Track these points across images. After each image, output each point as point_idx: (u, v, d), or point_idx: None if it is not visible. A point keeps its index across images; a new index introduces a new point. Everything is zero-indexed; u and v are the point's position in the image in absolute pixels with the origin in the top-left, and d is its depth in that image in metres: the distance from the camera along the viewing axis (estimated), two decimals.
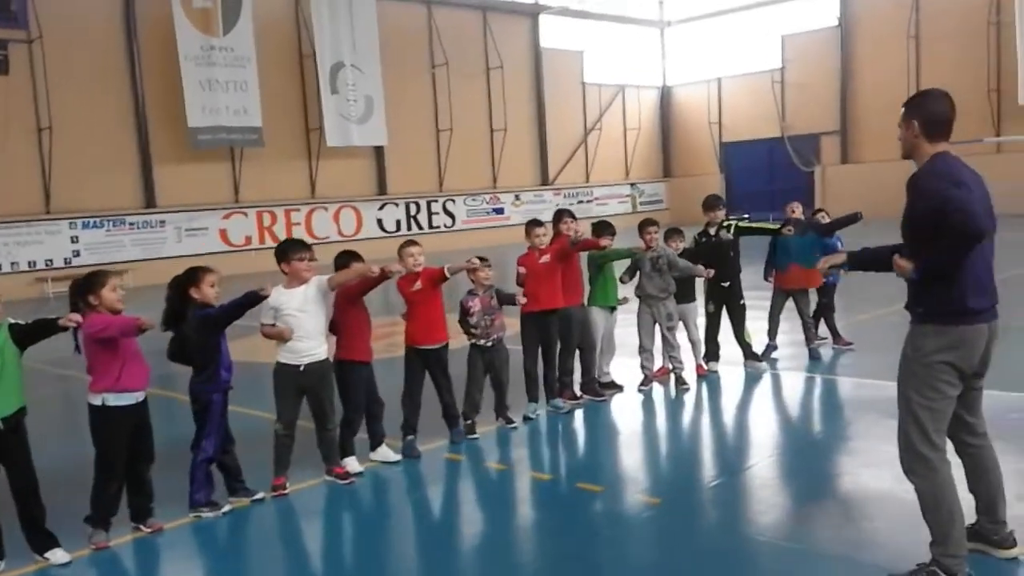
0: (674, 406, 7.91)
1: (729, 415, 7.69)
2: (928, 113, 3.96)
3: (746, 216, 9.72)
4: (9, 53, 22.89)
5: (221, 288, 5.74)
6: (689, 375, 8.45)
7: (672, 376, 8.43)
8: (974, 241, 3.68)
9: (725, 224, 8.83)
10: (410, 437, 6.68)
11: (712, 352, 8.92)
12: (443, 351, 6.80)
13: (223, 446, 5.78)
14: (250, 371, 7.79)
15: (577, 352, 7.91)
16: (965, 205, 3.65)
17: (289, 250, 5.97)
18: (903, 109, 4.04)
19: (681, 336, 8.56)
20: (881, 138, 33.89)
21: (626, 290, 8.41)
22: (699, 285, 8.82)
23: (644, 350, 8.31)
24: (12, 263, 23.36)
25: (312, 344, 5.96)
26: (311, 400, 6.05)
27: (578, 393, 7.95)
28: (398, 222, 31.68)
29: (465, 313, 7.06)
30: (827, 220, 9.63)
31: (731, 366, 8.92)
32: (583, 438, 7.24)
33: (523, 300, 7.12)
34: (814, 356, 9.14)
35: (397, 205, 31.80)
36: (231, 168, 27.70)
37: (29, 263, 23.62)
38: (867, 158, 34.22)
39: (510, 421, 7.28)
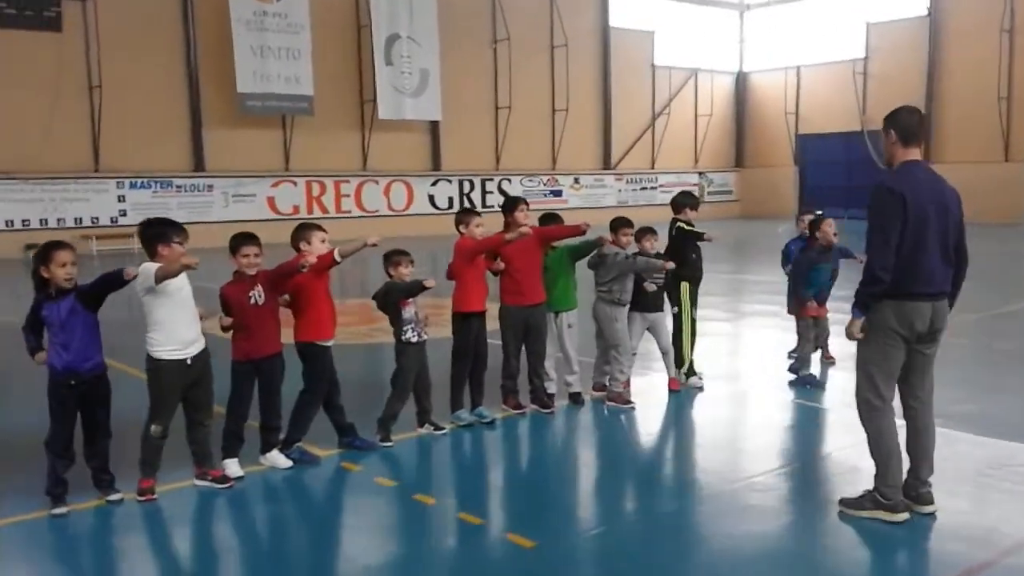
0: (618, 426, 7.10)
1: (674, 443, 6.85)
2: (902, 125, 4.77)
3: (819, 212, 8.76)
4: (63, 10, 23.03)
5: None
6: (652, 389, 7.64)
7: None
8: (875, 285, 4.65)
9: (678, 225, 7.93)
10: (298, 444, 6.07)
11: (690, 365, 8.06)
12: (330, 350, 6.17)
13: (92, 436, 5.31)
14: None
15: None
16: (879, 257, 4.62)
17: (171, 231, 5.39)
18: (884, 122, 4.84)
19: (651, 346, 7.79)
20: (966, 136, 31.88)
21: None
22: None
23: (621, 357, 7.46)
24: (59, 219, 23.68)
25: (197, 333, 5.42)
26: (192, 395, 5.47)
27: (522, 403, 7.22)
28: (450, 199, 31.16)
29: (398, 306, 6.38)
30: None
31: (713, 381, 8.08)
32: (501, 456, 6.48)
33: (431, 283, 6.37)
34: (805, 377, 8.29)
35: (450, 182, 31.27)
36: (282, 136, 27.55)
37: (76, 220, 23.90)
38: (950, 158, 31.76)
39: (439, 427, 6.63)
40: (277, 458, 5.90)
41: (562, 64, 33.44)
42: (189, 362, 5.35)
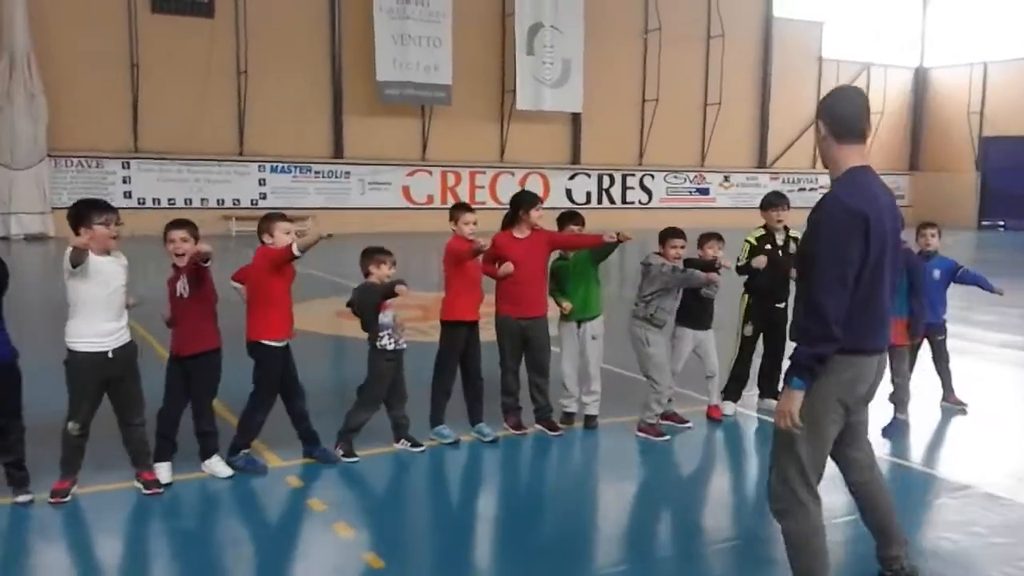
0: (621, 459, 6.18)
1: (670, 487, 5.87)
2: (834, 114, 3.56)
3: (1001, 225, 7.38)
4: None
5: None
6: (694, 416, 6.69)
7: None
8: (826, 344, 3.39)
9: (793, 236, 6.89)
10: (245, 451, 5.58)
11: (734, 390, 7.04)
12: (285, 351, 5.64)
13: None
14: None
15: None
16: (832, 305, 3.37)
17: (93, 212, 4.97)
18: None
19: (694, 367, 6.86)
20: None
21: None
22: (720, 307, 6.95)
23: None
24: (203, 199, 24.64)
25: (121, 324, 5.01)
26: (117, 392, 5.08)
27: (523, 423, 6.45)
28: (588, 194, 30.34)
29: (376, 310, 5.79)
30: (933, 240, 7.31)
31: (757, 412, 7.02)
32: (468, 484, 5.76)
33: (402, 290, 5.72)
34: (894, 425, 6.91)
35: (589, 176, 30.43)
36: (420, 125, 27.58)
37: (218, 201, 24.79)
38: None
39: (416, 444, 6.00)
40: (216, 465, 5.44)
41: (717, 55, 31.81)
42: (110, 355, 4.95)
